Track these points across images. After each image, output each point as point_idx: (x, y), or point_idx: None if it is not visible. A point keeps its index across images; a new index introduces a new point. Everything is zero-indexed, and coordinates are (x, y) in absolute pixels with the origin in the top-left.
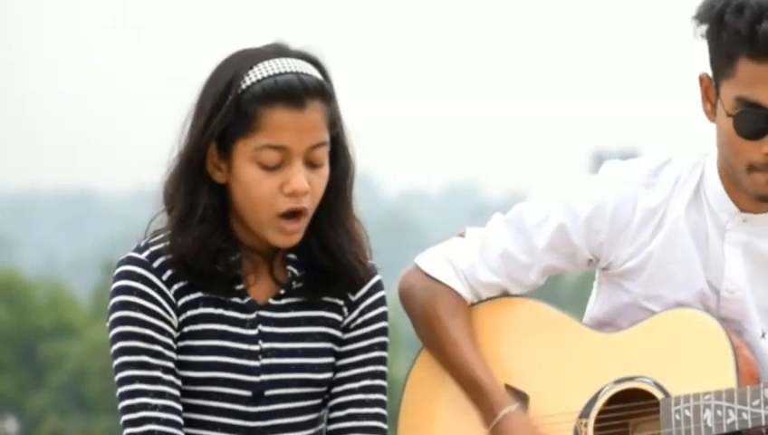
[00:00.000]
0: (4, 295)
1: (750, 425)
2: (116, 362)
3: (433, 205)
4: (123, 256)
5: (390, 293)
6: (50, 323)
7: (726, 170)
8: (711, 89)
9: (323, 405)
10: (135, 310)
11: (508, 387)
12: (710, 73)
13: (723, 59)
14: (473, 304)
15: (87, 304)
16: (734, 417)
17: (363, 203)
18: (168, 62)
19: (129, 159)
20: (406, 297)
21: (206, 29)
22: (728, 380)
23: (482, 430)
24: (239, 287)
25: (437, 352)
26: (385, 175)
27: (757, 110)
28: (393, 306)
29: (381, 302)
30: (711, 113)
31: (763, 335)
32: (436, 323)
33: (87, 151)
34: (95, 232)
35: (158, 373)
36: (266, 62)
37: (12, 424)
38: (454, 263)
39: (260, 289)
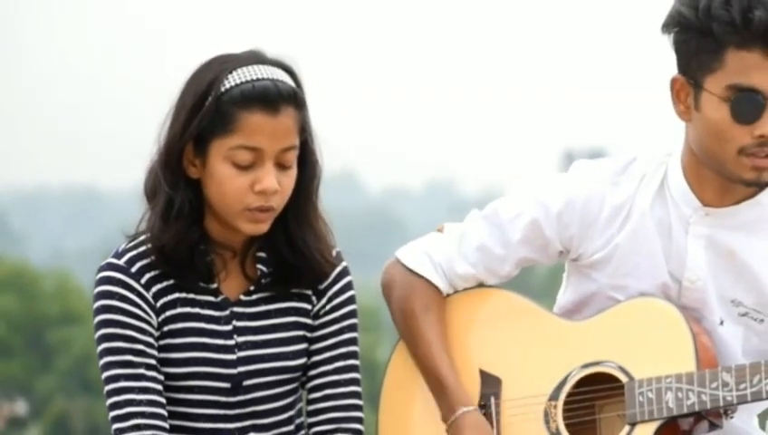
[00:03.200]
0: (15, 285)
1: (709, 406)
2: (102, 361)
3: (414, 201)
4: (103, 263)
5: (375, 284)
6: (57, 310)
7: (693, 167)
8: (684, 90)
9: (300, 387)
10: (117, 313)
11: (482, 372)
12: (682, 76)
13: (707, 54)
14: (448, 295)
15: (92, 294)
16: (693, 398)
17: (348, 199)
18: (169, 68)
19: (132, 158)
20: (387, 288)
21: (208, 32)
22: (688, 364)
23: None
24: (213, 286)
25: (410, 346)
26: (368, 173)
27: (752, 94)
28: (376, 294)
29: (348, 287)
30: (685, 113)
31: (722, 323)
32: (411, 319)
33: (93, 150)
34: (100, 226)
35: (141, 371)
36: (245, 68)
37: (21, 405)
38: (432, 257)
39: (231, 286)
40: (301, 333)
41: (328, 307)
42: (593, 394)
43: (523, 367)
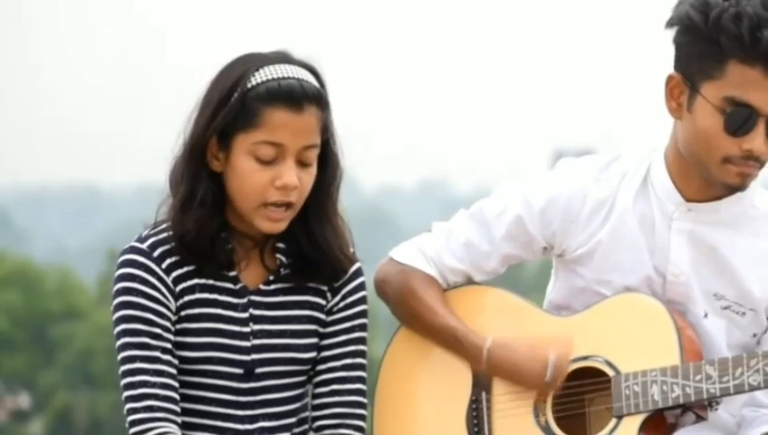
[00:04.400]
0: (18, 281)
1: (693, 398)
2: (119, 342)
3: (407, 199)
4: (126, 246)
5: (369, 279)
6: (59, 306)
7: (678, 163)
8: (678, 88)
9: (308, 381)
10: (137, 295)
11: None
12: (679, 74)
13: (709, 61)
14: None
15: (93, 290)
16: (678, 391)
17: (344, 197)
18: (170, 69)
19: (132, 157)
20: (381, 285)
21: (210, 34)
22: (673, 357)
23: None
24: (232, 274)
25: (415, 323)
26: (364, 172)
27: (746, 109)
28: (371, 292)
29: (361, 287)
30: (676, 111)
31: (706, 316)
32: (411, 297)
33: (94, 149)
34: (101, 223)
35: (157, 353)
36: (271, 66)
37: (25, 399)
38: (423, 251)
39: (250, 275)
40: (313, 327)
41: (341, 305)
42: (582, 388)
43: None
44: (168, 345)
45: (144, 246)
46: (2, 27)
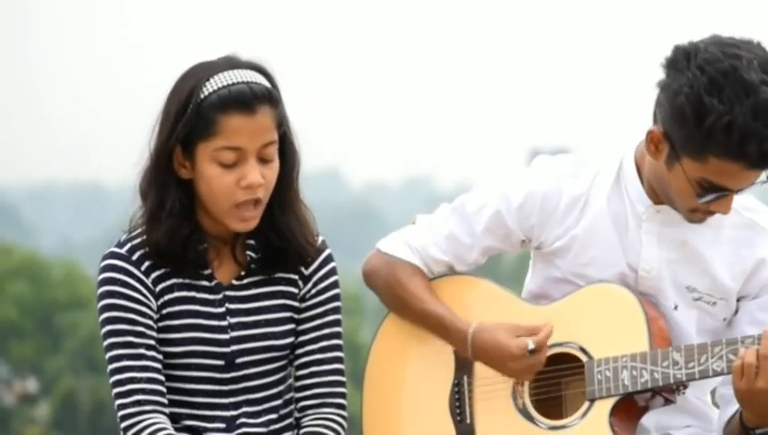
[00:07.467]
0: (27, 273)
1: (660, 383)
2: (105, 342)
3: (393, 195)
4: (106, 251)
5: (357, 270)
6: (65, 296)
7: (648, 175)
8: (661, 143)
9: (289, 364)
10: (119, 298)
11: (456, 352)
12: (661, 132)
13: (694, 148)
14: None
15: (97, 280)
16: (647, 376)
17: (332, 194)
18: (171, 71)
19: (134, 156)
20: (369, 275)
21: (209, 34)
22: (642, 344)
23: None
24: (206, 272)
25: (403, 311)
26: (351, 169)
27: (721, 189)
28: (359, 281)
29: (332, 272)
30: (655, 155)
31: (676, 308)
32: (398, 286)
33: (98, 148)
34: (105, 219)
35: (141, 350)
36: (221, 74)
37: (32, 384)
38: (409, 243)
39: (224, 272)
40: (288, 314)
41: (313, 291)
42: (557, 373)
43: None
44: (152, 342)
45: (123, 250)
46: (6, 29)
